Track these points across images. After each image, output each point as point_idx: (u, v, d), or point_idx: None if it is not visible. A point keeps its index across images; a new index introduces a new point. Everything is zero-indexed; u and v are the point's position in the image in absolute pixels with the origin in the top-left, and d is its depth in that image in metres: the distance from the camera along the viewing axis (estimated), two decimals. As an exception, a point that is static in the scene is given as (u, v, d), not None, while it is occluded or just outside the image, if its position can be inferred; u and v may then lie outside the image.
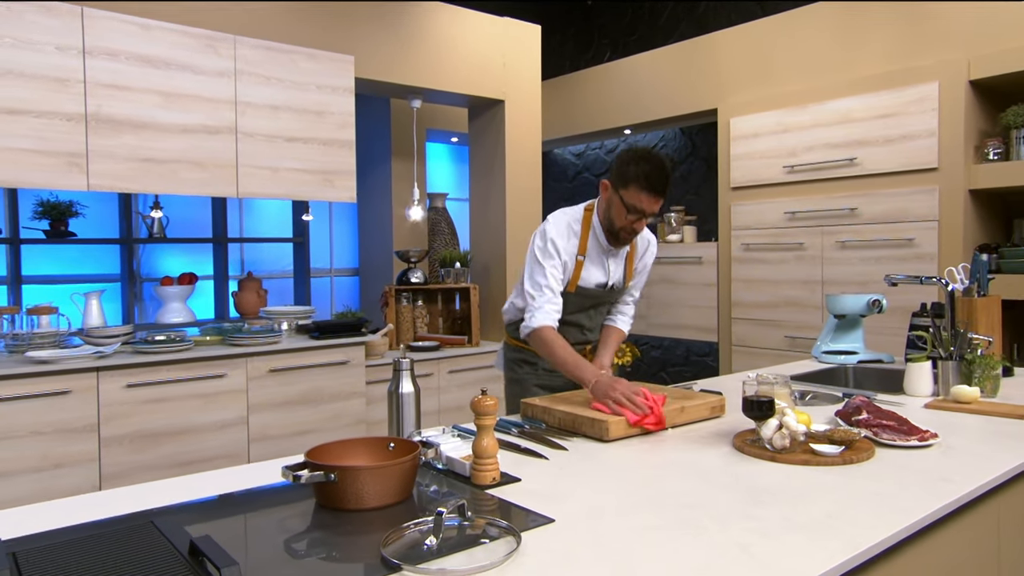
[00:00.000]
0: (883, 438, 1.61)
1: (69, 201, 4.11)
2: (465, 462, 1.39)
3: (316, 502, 1.26)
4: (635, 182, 2.04)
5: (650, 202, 2.06)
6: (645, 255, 2.38)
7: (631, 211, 2.07)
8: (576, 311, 2.32)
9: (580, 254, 2.24)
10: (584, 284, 2.27)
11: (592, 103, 5.59)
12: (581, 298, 2.29)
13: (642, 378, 5.97)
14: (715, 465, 1.50)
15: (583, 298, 2.29)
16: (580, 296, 2.28)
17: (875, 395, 2.17)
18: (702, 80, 4.73)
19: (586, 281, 2.27)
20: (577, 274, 2.25)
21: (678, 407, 1.82)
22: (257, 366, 3.40)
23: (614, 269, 2.31)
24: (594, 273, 2.27)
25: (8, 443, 2.80)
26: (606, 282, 2.30)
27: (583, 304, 2.32)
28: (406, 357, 1.63)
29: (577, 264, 2.24)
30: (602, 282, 2.29)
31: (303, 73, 3.59)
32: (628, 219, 2.10)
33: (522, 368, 2.41)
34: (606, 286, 2.30)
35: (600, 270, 2.28)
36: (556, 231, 2.20)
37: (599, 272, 2.28)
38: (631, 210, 2.07)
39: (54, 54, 2.95)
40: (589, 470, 1.49)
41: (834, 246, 3.94)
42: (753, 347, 4.37)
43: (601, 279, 2.29)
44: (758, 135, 4.29)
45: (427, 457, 1.34)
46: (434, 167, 6.12)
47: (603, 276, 2.29)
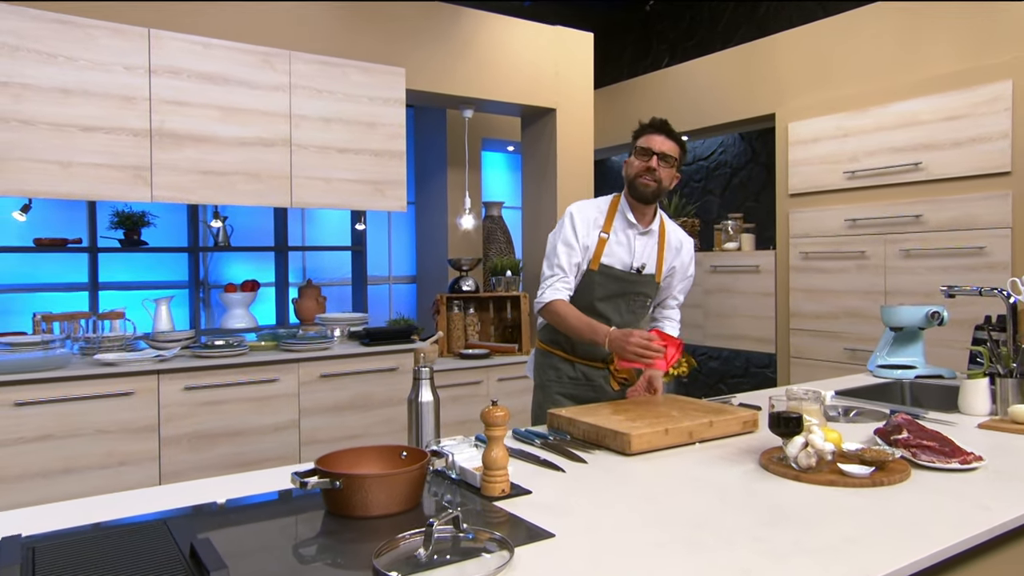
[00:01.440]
0: (921, 459, 1.53)
1: (141, 212, 4.35)
2: (476, 473, 1.40)
3: (325, 510, 1.29)
4: (639, 132, 2.24)
5: (655, 140, 2.19)
6: (680, 253, 2.36)
7: (641, 153, 2.20)
8: (603, 298, 2.26)
9: (604, 231, 2.25)
10: (608, 262, 2.24)
11: (649, 110, 5.52)
12: (606, 279, 2.25)
13: (700, 389, 5.85)
14: (735, 483, 1.45)
15: (608, 279, 2.25)
16: (605, 277, 2.24)
17: (925, 413, 2.06)
18: (760, 84, 4.61)
19: (610, 259, 2.24)
20: (600, 250, 2.24)
21: (706, 421, 1.78)
22: (309, 371, 3.50)
23: (640, 250, 2.27)
24: (618, 251, 2.25)
25: (77, 440, 2.97)
26: (631, 263, 2.26)
27: (610, 289, 2.26)
28: (426, 366, 1.65)
29: (600, 241, 2.24)
30: (627, 263, 2.26)
31: (355, 86, 3.68)
32: (640, 163, 2.19)
33: (546, 374, 2.39)
34: (631, 268, 2.26)
35: (625, 249, 2.26)
36: (578, 213, 2.27)
37: (624, 252, 2.26)
38: (640, 153, 2.20)
39: (122, 73, 3.13)
40: (603, 484, 1.47)
41: (898, 255, 3.76)
42: (812, 359, 4.22)
43: (626, 259, 2.26)
44: (818, 140, 4.15)
45: (434, 467, 1.35)
46: (491, 176, 6.18)
47: (628, 256, 2.26)
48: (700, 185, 5.78)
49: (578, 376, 2.35)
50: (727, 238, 4.93)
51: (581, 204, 2.32)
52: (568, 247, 2.22)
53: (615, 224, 2.26)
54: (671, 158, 2.19)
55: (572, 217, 2.25)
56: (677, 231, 2.38)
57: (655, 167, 2.17)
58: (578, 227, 2.22)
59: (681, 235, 2.38)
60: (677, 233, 2.37)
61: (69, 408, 2.95)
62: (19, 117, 2.94)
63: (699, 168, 5.80)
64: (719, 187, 5.63)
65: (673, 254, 2.34)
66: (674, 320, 2.46)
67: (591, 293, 2.25)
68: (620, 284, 2.26)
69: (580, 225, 2.23)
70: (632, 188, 2.22)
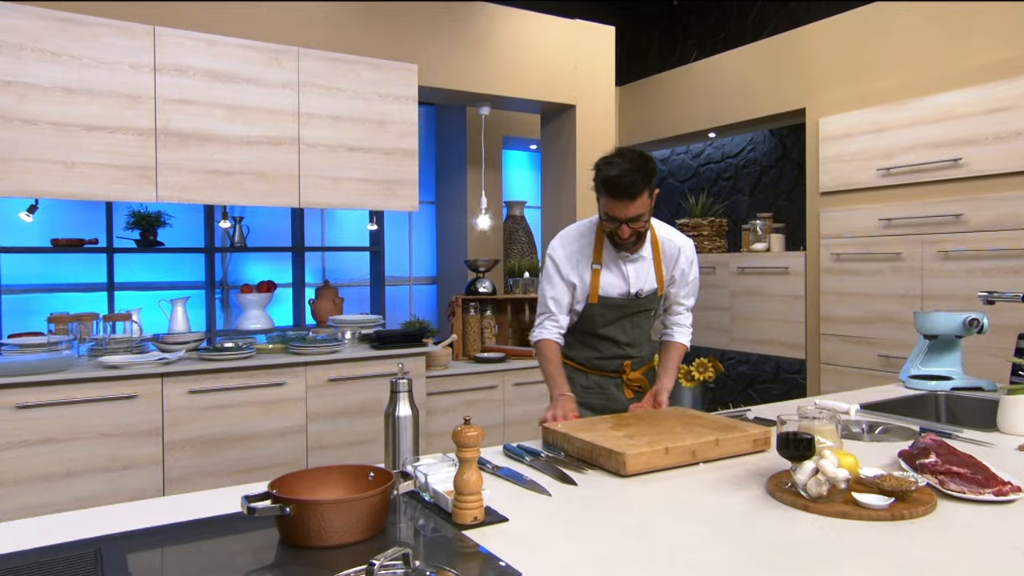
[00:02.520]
0: (950, 489, 1.37)
1: (157, 212, 4.32)
2: (449, 497, 1.28)
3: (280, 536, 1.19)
4: (599, 189, 2.00)
5: (617, 207, 1.97)
6: (679, 261, 2.22)
7: (607, 219, 2.02)
8: (607, 324, 2.22)
9: (595, 262, 2.16)
10: (605, 294, 2.17)
11: (675, 106, 5.35)
12: (607, 309, 2.19)
13: (728, 394, 5.65)
14: (736, 511, 1.31)
15: (609, 309, 2.19)
16: (605, 307, 2.19)
17: (959, 431, 1.88)
18: (790, 78, 4.41)
19: (606, 290, 2.17)
20: (596, 283, 2.16)
21: (712, 439, 1.63)
22: (316, 375, 3.42)
23: (635, 276, 2.17)
24: (613, 281, 2.17)
25: (79, 444, 2.93)
26: (628, 290, 2.18)
27: (612, 316, 2.20)
28: (403, 377, 1.53)
29: (594, 273, 2.16)
30: (624, 290, 2.18)
31: (365, 83, 3.60)
32: (608, 227, 2.04)
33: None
34: (629, 294, 2.18)
35: (619, 278, 2.17)
36: (562, 249, 2.18)
37: (618, 280, 2.17)
38: (606, 218, 2.02)
39: (127, 72, 3.08)
40: (590, 511, 1.34)
41: (935, 256, 3.54)
42: (843, 366, 4.01)
43: (622, 287, 2.18)
44: (850, 135, 3.94)
45: (399, 491, 1.24)
46: (514, 175, 6.06)
47: (623, 284, 2.17)
48: (729, 184, 5.58)
49: (591, 385, 2.30)
50: (755, 238, 4.73)
51: (565, 237, 2.21)
52: (553, 286, 2.17)
53: (605, 255, 2.16)
54: (642, 216, 1.99)
55: (554, 256, 2.19)
56: (672, 237, 2.23)
57: (626, 235, 2.02)
58: (561, 266, 2.16)
59: (677, 240, 2.23)
60: (672, 240, 2.22)
61: (71, 411, 2.91)
62: (23, 117, 2.92)
63: (728, 166, 5.60)
64: (748, 185, 5.43)
65: (672, 264, 2.22)
66: (683, 326, 2.33)
67: (594, 323, 2.22)
68: (622, 309, 2.20)
69: (564, 264, 2.16)
70: (610, 239, 2.11)
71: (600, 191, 2.00)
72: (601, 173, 1.98)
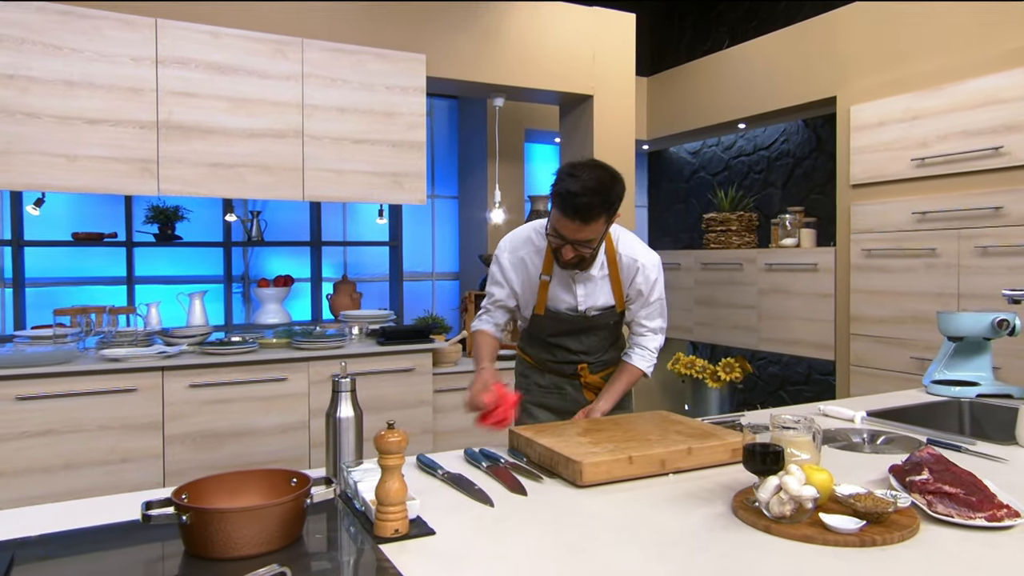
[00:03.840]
0: (937, 511, 1.21)
1: (175, 207, 4.34)
2: (374, 507, 1.18)
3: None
4: (554, 200, 1.77)
5: (567, 227, 1.75)
6: (635, 280, 1.99)
7: (553, 234, 1.81)
8: (559, 334, 2.06)
9: (544, 273, 1.97)
10: (553, 307, 2.01)
11: (703, 96, 5.16)
12: (556, 322, 2.02)
13: (759, 396, 5.43)
14: (690, 530, 1.18)
15: (558, 321, 2.02)
16: (553, 320, 2.01)
17: (971, 444, 1.70)
18: (820, 65, 4.19)
19: (555, 304, 2.00)
20: (543, 295, 1.99)
21: (684, 448, 1.50)
22: (319, 370, 3.37)
23: (584, 295, 1.98)
24: (561, 296, 1.99)
25: (79, 436, 2.94)
26: (575, 306, 1.99)
27: (562, 328, 2.04)
28: (346, 377, 1.45)
29: (541, 285, 1.97)
30: (571, 305, 2.00)
31: (371, 74, 3.53)
32: (553, 243, 1.83)
33: (518, 381, 2.26)
34: (577, 310, 2.00)
35: (567, 294, 1.99)
36: (510, 254, 2.01)
37: (566, 295, 1.99)
38: (553, 233, 1.81)
39: (129, 65, 3.08)
40: (531, 525, 1.23)
41: (973, 252, 3.30)
42: (874, 368, 3.78)
43: (569, 303, 1.99)
44: (883, 124, 3.71)
45: (311, 500, 1.15)
46: (540, 168, 5.94)
47: (570, 298, 1.99)
48: (761, 177, 5.36)
49: (548, 385, 2.17)
50: (784, 233, 4.52)
51: (515, 240, 2.02)
52: (497, 286, 2.04)
53: (555, 267, 1.95)
54: (591, 242, 1.80)
55: (500, 259, 2.03)
56: (633, 254, 1.99)
57: (569, 257, 1.83)
58: (506, 270, 2.01)
59: (640, 258, 1.99)
60: (633, 257, 1.99)
61: (72, 403, 2.92)
62: (25, 110, 2.93)
63: (760, 159, 5.38)
64: (781, 178, 5.20)
65: (628, 282, 2.01)
66: (646, 350, 2.07)
67: (544, 331, 2.08)
68: (570, 323, 2.03)
69: (509, 268, 2.00)
70: (552, 253, 1.90)
71: (556, 203, 1.76)
72: (559, 185, 1.75)
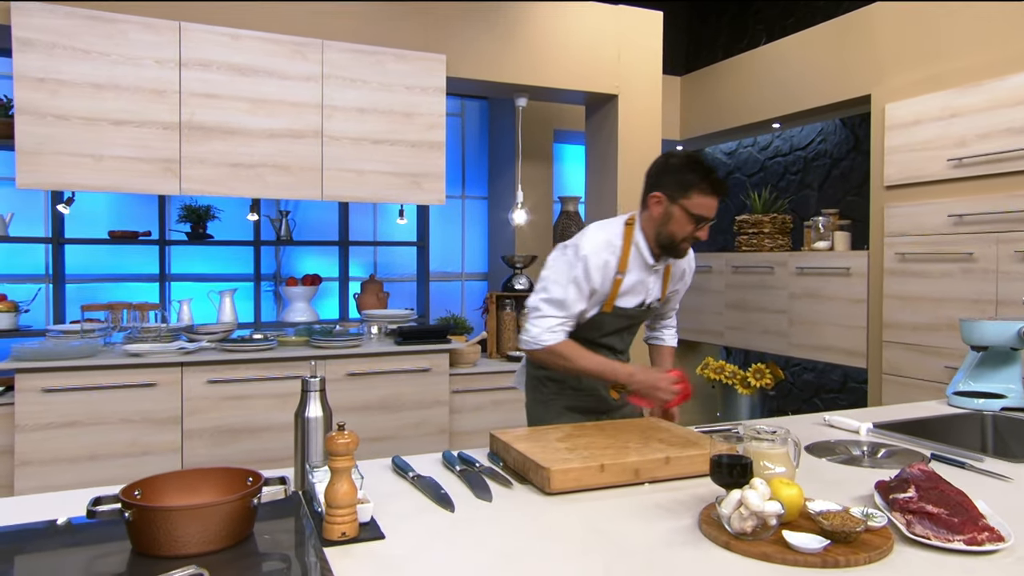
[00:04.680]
0: (914, 532, 1.14)
1: (207, 206, 4.44)
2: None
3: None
4: (697, 188, 1.90)
5: (711, 206, 1.93)
6: (685, 275, 2.22)
7: (696, 220, 1.93)
8: (610, 333, 2.12)
9: (619, 272, 2.01)
10: (621, 304, 2.05)
11: (735, 95, 5.04)
12: (617, 319, 2.09)
13: (793, 403, 5.27)
14: (649, 543, 1.14)
15: (618, 319, 2.09)
16: (616, 317, 2.08)
17: (979, 460, 1.61)
18: (855, 62, 4.04)
19: (623, 301, 2.05)
20: (615, 293, 2.02)
21: (662, 457, 1.45)
22: (335, 369, 3.40)
23: (652, 287, 2.10)
24: (632, 291, 2.06)
25: (102, 428, 3.02)
26: (643, 301, 2.09)
27: (618, 325, 2.11)
28: (315, 376, 1.44)
29: (615, 283, 2.01)
30: (639, 302, 2.09)
31: (391, 74, 3.54)
32: (691, 229, 1.94)
33: (547, 387, 2.17)
34: (642, 305, 2.10)
35: (640, 288, 2.07)
36: (594, 254, 1.96)
37: (640, 289, 2.07)
38: (696, 219, 1.92)
39: (153, 67, 3.15)
40: (483, 532, 1.20)
41: (1012, 257, 3.13)
42: (906, 377, 3.63)
43: (640, 298, 2.08)
44: (919, 122, 3.55)
45: (258, 500, 1.14)
46: (570, 170, 5.90)
47: (642, 295, 2.08)
48: (797, 178, 5.21)
49: (584, 387, 2.15)
50: (817, 236, 4.37)
51: (593, 242, 1.99)
52: (581, 296, 1.97)
53: (630, 262, 2.02)
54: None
55: (587, 265, 1.95)
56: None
57: (704, 236, 1.98)
58: (593, 277, 1.96)
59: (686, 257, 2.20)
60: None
61: (94, 396, 3.00)
62: (55, 112, 3.03)
63: (796, 159, 5.22)
64: (817, 180, 5.04)
65: (677, 278, 2.20)
66: (672, 328, 2.35)
67: (598, 330, 2.09)
68: (629, 319, 2.12)
69: (595, 274, 1.96)
70: (668, 246, 1.99)
71: (703, 189, 1.89)
72: (702, 171, 1.91)
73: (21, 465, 2.93)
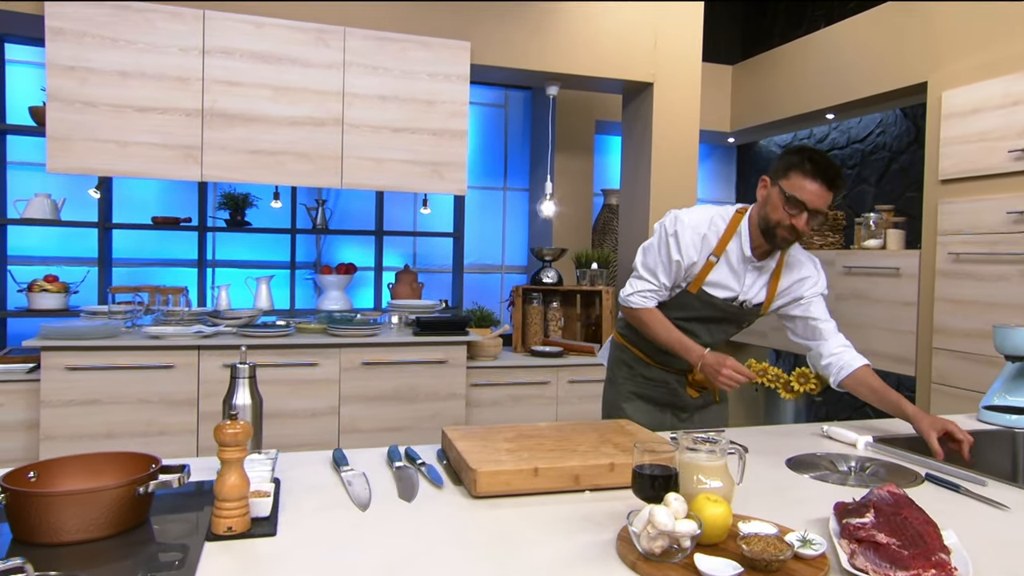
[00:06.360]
0: (855, 564, 1.00)
1: (245, 194, 4.51)
2: (226, 501, 1.12)
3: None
4: (797, 168, 1.81)
5: (813, 193, 1.78)
6: (799, 287, 1.99)
7: (790, 203, 1.80)
8: (696, 319, 2.00)
9: (715, 254, 1.93)
10: (709, 289, 1.95)
11: (788, 84, 4.77)
12: (703, 304, 1.97)
13: (843, 411, 4.98)
14: (553, 558, 1.04)
15: (706, 305, 1.97)
16: (702, 302, 1.97)
17: (981, 482, 1.43)
18: (911, 47, 3.74)
19: (712, 286, 1.95)
20: (704, 274, 1.94)
21: (606, 463, 1.34)
22: (350, 358, 3.39)
23: (750, 285, 1.96)
24: (725, 280, 1.95)
25: (121, 407, 3.10)
26: (736, 296, 1.96)
27: (705, 313, 1.99)
28: (245, 363, 1.40)
29: (707, 264, 1.93)
30: (731, 295, 1.96)
31: (413, 62, 3.50)
32: (786, 212, 1.82)
33: (620, 370, 2.18)
34: (735, 301, 1.96)
35: (733, 279, 1.95)
36: (690, 226, 1.93)
37: (732, 280, 1.95)
38: (790, 202, 1.80)
39: (177, 55, 3.20)
40: (383, 534, 1.12)
41: (1076, 260, 2.83)
42: (957, 388, 3.35)
43: (733, 289, 1.96)
44: (978, 111, 3.26)
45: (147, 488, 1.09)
46: (613, 161, 5.74)
47: (736, 286, 1.95)
48: (853, 172, 4.90)
49: (654, 377, 2.12)
50: (868, 234, 4.09)
51: (695, 215, 1.97)
52: (668, 262, 1.94)
53: (729, 248, 1.94)
54: (823, 215, 1.84)
55: (680, 231, 1.93)
56: (804, 262, 2.03)
57: (802, 228, 1.82)
58: (684, 244, 1.92)
59: (809, 264, 2.02)
60: (802, 263, 2.02)
61: (115, 376, 3.08)
62: (83, 99, 3.12)
63: (853, 152, 4.91)
64: (875, 174, 4.72)
65: (793, 285, 2.01)
66: (847, 347, 2.07)
67: (683, 311, 2.01)
68: (716, 311, 2.00)
69: (687, 242, 1.92)
70: (767, 232, 1.88)
71: (802, 169, 1.79)
72: (808, 154, 1.82)
73: (46, 440, 3.04)
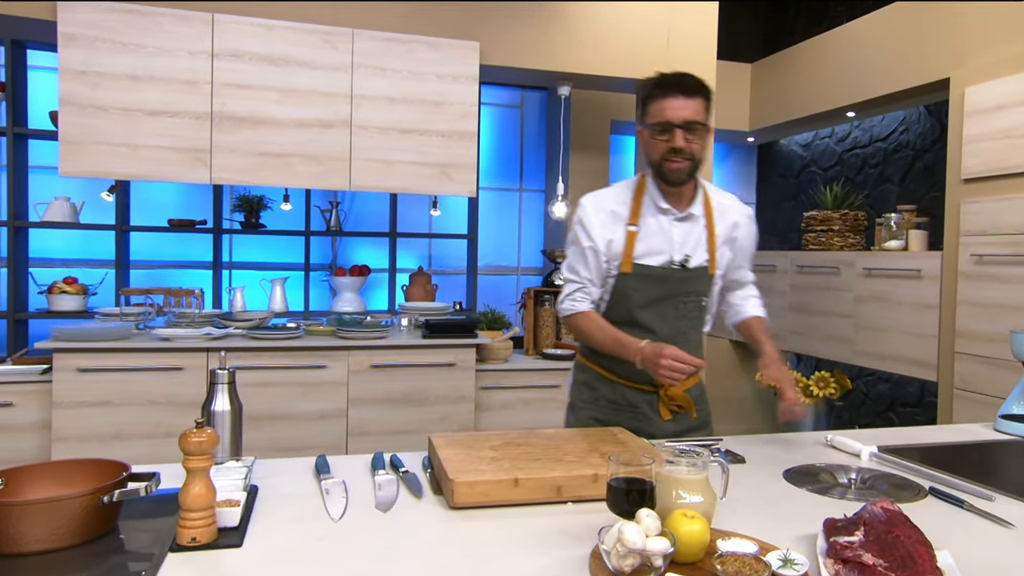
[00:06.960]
0: (838, 585, 0.95)
1: (260, 196, 4.53)
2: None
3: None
4: (649, 98, 1.75)
5: (672, 107, 1.70)
6: (739, 228, 1.91)
7: (658, 130, 1.73)
8: (643, 305, 1.81)
9: (631, 223, 1.81)
10: (642, 260, 1.80)
11: (806, 82, 4.68)
12: (644, 282, 1.80)
13: (867, 416, 4.86)
14: (524, 574, 1.00)
15: (647, 282, 1.80)
16: (641, 279, 1.80)
17: (989, 497, 1.36)
18: (933, 42, 3.64)
19: (644, 256, 1.80)
20: (630, 246, 1.80)
21: (590, 474, 1.30)
22: (359, 360, 3.38)
23: (682, 238, 1.82)
24: (654, 244, 1.81)
25: (130, 409, 3.13)
26: (671, 257, 1.81)
27: (650, 294, 1.81)
28: (224, 368, 1.38)
29: (629, 236, 1.81)
30: (666, 259, 1.81)
31: (422, 63, 3.48)
32: (660, 142, 1.74)
33: (581, 393, 1.97)
34: (672, 263, 1.81)
35: (663, 239, 1.81)
36: (592, 204, 1.85)
37: (661, 241, 1.81)
38: (659, 129, 1.72)
39: (186, 58, 3.22)
40: (350, 548, 1.09)
41: (1104, 262, 2.72)
42: (980, 394, 3.24)
43: (664, 251, 1.81)
44: (1002, 107, 3.15)
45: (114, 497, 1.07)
46: (628, 161, 5.67)
47: (666, 246, 1.81)
48: (876, 171, 4.78)
49: (618, 399, 1.89)
50: (889, 235, 3.99)
51: (599, 194, 1.89)
52: (583, 252, 1.83)
53: (644, 211, 1.82)
54: (698, 124, 1.71)
55: (584, 211, 1.84)
56: (730, 205, 1.93)
57: (681, 145, 1.71)
58: (591, 223, 1.82)
59: (735, 208, 1.93)
60: (730, 207, 1.93)
61: (125, 378, 3.11)
62: (95, 103, 3.15)
63: (875, 151, 4.80)
64: (899, 173, 4.61)
65: (727, 234, 1.91)
66: (754, 297, 2.02)
67: (628, 300, 1.82)
68: (663, 286, 1.82)
69: (594, 219, 1.82)
70: (660, 173, 1.79)
71: (653, 93, 1.74)
72: (653, 79, 1.76)
73: (57, 440, 3.07)
